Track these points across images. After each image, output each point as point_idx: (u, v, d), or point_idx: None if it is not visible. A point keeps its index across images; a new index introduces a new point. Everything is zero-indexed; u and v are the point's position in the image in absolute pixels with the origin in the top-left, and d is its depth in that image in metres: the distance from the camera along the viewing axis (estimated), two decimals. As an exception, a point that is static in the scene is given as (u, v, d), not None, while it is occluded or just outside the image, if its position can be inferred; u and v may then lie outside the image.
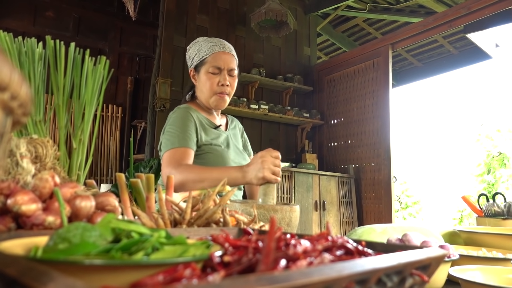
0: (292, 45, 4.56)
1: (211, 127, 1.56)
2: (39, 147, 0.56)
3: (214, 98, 1.53)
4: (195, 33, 3.88)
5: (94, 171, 5.53)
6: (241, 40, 4.22)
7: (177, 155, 1.36)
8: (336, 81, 4.35)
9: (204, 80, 1.53)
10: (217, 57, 1.52)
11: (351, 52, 4.28)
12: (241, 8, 4.26)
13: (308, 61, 4.64)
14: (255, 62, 4.24)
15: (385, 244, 0.47)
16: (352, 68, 4.15)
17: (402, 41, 3.68)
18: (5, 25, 5.26)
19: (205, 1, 4.05)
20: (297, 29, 4.57)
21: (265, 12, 3.66)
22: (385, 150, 3.66)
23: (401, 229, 1.01)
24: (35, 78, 0.74)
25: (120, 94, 5.98)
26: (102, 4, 5.90)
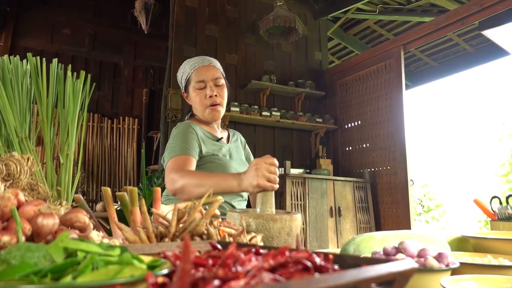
0: (302, 50, 4.54)
1: (213, 140, 1.58)
2: (12, 165, 0.56)
3: (207, 111, 1.56)
4: (204, 43, 3.91)
5: (113, 182, 5.62)
6: (251, 48, 4.23)
7: (179, 162, 1.38)
8: (349, 84, 4.30)
9: (194, 97, 1.57)
10: (198, 72, 1.57)
11: (362, 54, 4.23)
12: (250, 16, 4.27)
13: (320, 66, 4.61)
14: (265, 69, 4.23)
15: (355, 257, 0.44)
16: (364, 70, 4.09)
17: (414, 41, 3.61)
18: (24, 44, 5.45)
19: (213, 11, 4.09)
20: (307, 34, 4.55)
21: (273, 19, 3.66)
22: (401, 153, 3.57)
23: (402, 236, 0.97)
24: (20, 96, 0.74)
25: (136, 106, 6.09)
26: (116, 19, 6.04)
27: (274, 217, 1.05)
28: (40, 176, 0.77)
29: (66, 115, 0.74)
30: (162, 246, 0.54)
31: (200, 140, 1.51)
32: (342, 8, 4.34)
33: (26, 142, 0.75)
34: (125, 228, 0.71)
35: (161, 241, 0.72)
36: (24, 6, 5.46)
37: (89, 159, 5.57)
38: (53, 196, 0.78)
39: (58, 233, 0.48)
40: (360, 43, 5.29)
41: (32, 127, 0.78)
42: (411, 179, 3.53)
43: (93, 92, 5.05)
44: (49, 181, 0.78)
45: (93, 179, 5.55)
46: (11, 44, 5.35)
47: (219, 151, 1.55)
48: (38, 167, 0.70)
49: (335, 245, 3.41)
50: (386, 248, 0.80)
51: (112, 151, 5.74)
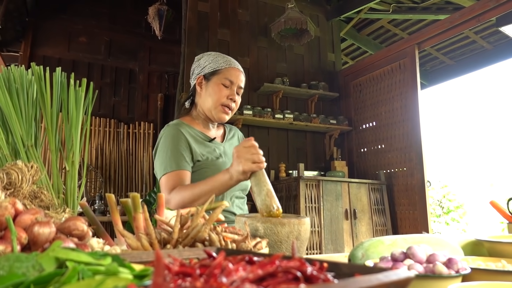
0: (315, 52, 4.51)
1: (205, 141, 1.53)
2: (13, 173, 0.57)
3: (218, 109, 1.51)
4: (216, 47, 3.93)
5: (129, 187, 5.70)
6: (263, 50, 4.23)
7: (171, 179, 1.36)
8: (363, 85, 4.25)
9: (214, 90, 1.51)
10: (231, 71, 1.52)
11: (376, 55, 4.18)
12: (261, 19, 4.28)
13: (333, 67, 4.57)
14: (278, 72, 4.23)
15: (351, 266, 0.43)
16: (378, 71, 4.03)
17: (428, 40, 3.54)
18: (42, 52, 5.58)
19: (225, 16, 4.11)
20: (319, 36, 4.53)
21: (284, 21, 3.66)
22: (417, 153, 3.51)
23: (412, 240, 0.94)
24: (25, 104, 0.76)
25: (151, 111, 6.16)
26: (131, 26, 6.14)
27: (282, 221, 1.04)
28: (46, 184, 0.78)
29: (70, 123, 0.75)
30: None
31: (191, 143, 1.46)
32: (354, 8, 4.30)
33: (32, 150, 0.76)
34: (127, 235, 0.71)
35: (164, 247, 0.72)
36: (42, 16, 5.60)
37: (107, 164, 5.66)
38: (59, 204, 0.79)
39: (55, 241, 0.48)
40: (374, 43, 5.23)
41: (39, 135, 0.79)
42: (428, 180, 3.45)
43: (110, 98, 5.14)
44: (55, 188, 0.79)
45: (110, 184, 5.63)
46: (30, 53, 5.48)
47: (212, 153, 1.50)
48: (42, 174, 0.70)
49: (350, 248, 3.36)
50: (394, 254, 0.79)
51: (128, 156, 5.82)
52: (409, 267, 0.73)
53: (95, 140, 5.64)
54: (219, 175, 1.25)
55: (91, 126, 5.63)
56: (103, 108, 5.85)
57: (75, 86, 0.76)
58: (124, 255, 0.52)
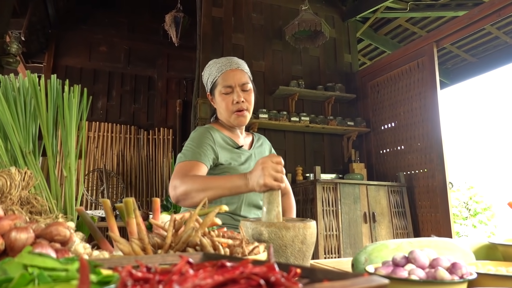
0: (331, 53, 4.47)
1: (233, 147, 1.53)
2: (1, 179, 0.58)
3: (233, 117, 1.50)
4: (231, 52, 3.95)
5: (150, 192, 5.78)
6: (278, 53, 4.22)
7: (185, 167, 1.34)
8: (380, 85, 4.17)
9: (220, 102, 1.52)
10: (226, 76, 1.50)
11: (393, 54, 4.09)
12: (276, 22, 4.27)
13: (350, 68, 4.51)
14: (293, 74, 4.20)
15: (326, 271, 0.41)
16: (396, 70, 3.95)
17: (447, 37, 3.45)
18: (65, 63, 5.75)
19: (239, 20, 4.12)
20: (335, 37, 4.48)
21: (298, 23, 3.64)
22: (438, 154, 3.40)
23: (419, 244, 0.91)
24: (22, 112, 0.77)
25: (170, 117, 6.25)
26: (149, 34, 6.25)
27: (286, 225, 1.02)
28: (44, 189, 0.79)
29: (66, 129, 0.76)
30: (142, 259, 0.53)
31: (218, 146, 1.46)
32: (370, 8, 4.23)
33: (30, 156, 0.77)
34: (119, 240, 0.71)
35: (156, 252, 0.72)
36: (64, 28, 5.78)
37: (127, 170, 5.76)
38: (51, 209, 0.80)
39: (34, 247, 0.48)
40: (392, 42, 5.14)
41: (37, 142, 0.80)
42: (450, 182, 3.35)
43: (130, 105, 5.23)
44: (53, 194, 0.80)
45: (131, 189, 5.73)
46: (53, 64, 5.67)
47: (237, 159, 1.50)
48: (37, 180, 0.71)
49: (370, 252, 3.28)
50: (395, 258, 0.75)
51: (148, 162, 5.90)
52: (410, 272, 0.70)
53: (116, 147, 5.76)
54: (235, 177, 1.22)
55: (112, 133, 5.76)
56: (123, 116, 5.97)
57: (70, 92, 0.77)
58: (103, 261, 0.51)
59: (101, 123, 5.71)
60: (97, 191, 5.41)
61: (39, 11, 5.10)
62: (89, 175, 5.43)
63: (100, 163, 5.58)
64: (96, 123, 5.68)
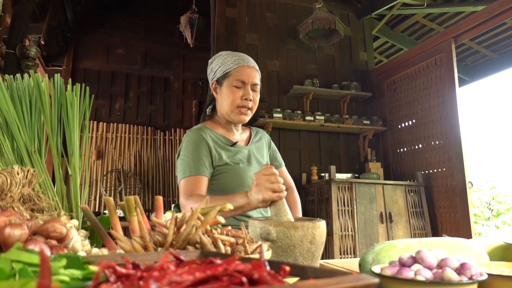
0: (346, 51, 4.41)
1: (227, 145, 1.52)
2: (1, 177, 0.58)
3: (236, 111, 1.48)
4: (245, 52, 3.90)
5: (167, 192, 5.84)
6: (292, 53, 4.19)
7: (189, 185, 1.37)
8: (397, 83, 4.10)
9: (227, 94, 1.48)
10: (241, 71, 1.49)
11: (410, 51, 4.01)
12: (290, 21, 4.25)
13: (366, 66, 4.45)
14: (308, 74, 4.17)
15: (316, 269, 0.40)
16: (413, 68, 3.87)
17: (465, 32, 3.36)
18: (83, 65, 5.87)
19: (253, 20, 4.12)
20: (350, 35, 4.43)
21: (312, 22, 3.61)
22: (457, 153, 3.32)
23: (429, 244, 0.88)
24: (27, 111, 0.78)
25: (187, 117, 6.30)
26: (165, 36, 6.32)
27: (295, 225, 1.01)
28: (50, 188, 0.80)
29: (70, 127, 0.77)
30: (136, 256, 0.53)
31: (213, 148, 1.46)
32: (386, 4, 4.16)
33: (35, 155, 0.78)
34: (120, 238, 0.71)
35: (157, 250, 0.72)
36: (82, 31, 5.90)
37: (144, 170, 5.84)
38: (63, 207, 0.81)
39: (27, 243, 0.48)
40: (409, 39, 5.04)
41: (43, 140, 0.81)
42: (470, 181, 3.26)
43: (146, 106, 5.29)
44: (58, 192, 0.81)
45: (148, 190, 5.80)
46: (72, 67, 5.79)
47: (234, 157, 1.49)
48: (40, 178, 0.72)
49: (387, 253, 3.22)
50: (402, 258, 0.73)
51: (165, 162, 5.97)
52: (416, 272, 0.68)
53: (134, 148, 5.84)
54: (238, 197, 1.23)
55: (129, 134, 5.85)
56: (140, 117, 6.05)
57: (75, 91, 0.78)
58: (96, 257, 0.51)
59: (119, 124, 5.81)
60: (115, 191, 5.50)
61: (58, 15, 5.22)
62: (107, 176, 5.52)
63: (118, 163, 5.68)
64: (114, 124, 5.77)
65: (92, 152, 5.55)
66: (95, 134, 5.64)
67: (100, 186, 5.42)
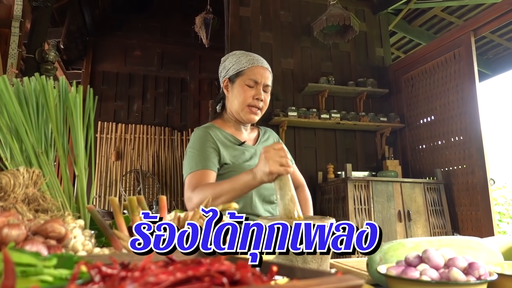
0: (362, 48, 4.35)
1: (235, 144, 1.51)
2: (5, 178, 0.60)
3: (245, 110, 1.48)
4: (259, 51, 3.94)
5: (180, 193, 5.88)
6: (307, 50, 4.16)
7: (195, 178, 1.36)
8: (415, 79, 4.01)
9: (239, 92, 1.49)
10: (255, 71, 1.49)
11: (427, 46, 3.92)
12: (304, 19, 4.21)
13: (382, 62, 4.37)
14: (323, 71, 4.13)
15: (304, 270, 0.39)
16: (431, 63, 3.78)
17: (485, 25, 3.26)
18: (102, 68, 5.98)
19: (267, 18, 4.10)
20: (366, 31, 4.36)
21: (326, 19, 3.57)
22: (478, 149, 3.23)
23: (439, 243, 0.85)
24: (34, 113, 0.80)
25: (203, 118, 6.33)
26: (181, 37, 6.37)
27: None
28: (57, 188, 0.82)
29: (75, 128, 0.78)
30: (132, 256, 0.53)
31: (220, 146, 1.45)
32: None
33: (42, 156, 0.80)
34: (123, 237, 0.72)
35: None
36: (100, 34, 6.01)
37: (162, 170, 5.91)
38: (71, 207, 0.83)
39: (25, 243, 0.49)
40: (427, 34, 4.93)
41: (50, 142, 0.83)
42: (492, 178, 3.16)
43: (163, 107, 5.35)
44: (66, 193, 0.82)
45: (166, 189, 5.87)
46: (91, 70, 5.91)
47: (241, 156, 1.48)
48: (46, 179, 0.74)
49: (405, 252, 3.17)
50: (408, 258, 0.71)
51: (182, 162, 6.02)
52: (422, 272, 0.66)
53: (152, 148, 5.92)
54: (242, 174, 1.23)
55: (147, 135, 5.93)
56: (157, 117, 6.13)
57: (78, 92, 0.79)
58: (92, 257, 0.52)
59: (137, 125, 5.89)
60: (134, 191, 5.59)
61: (77, 20, 5.33)
62: (126, 176, 5.62)
63: (137, 164, 5.76)
64: (132, 125, 5.86)
65: (111, 153, 5.65)
66: (114, 135, 5.74)
67: (120, 186, 5.52)
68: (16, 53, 3.01)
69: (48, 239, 0.54)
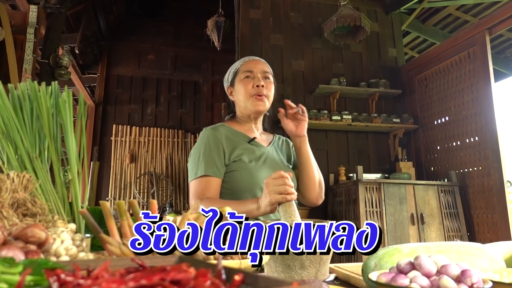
0: (374, 48, 4.29)
1: (244, 141, 1.48)
2: (-9, 183, 0.61)
3: (251, 100, 1.47)
4: (270, 53, 3.93)
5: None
6: (318, 52, 4.13)
7: (200, 187, 1.37)
8: (428, 79, 3.94)
9: (239, 88, 1.51)
10: (247, 64, 1.54)
11: (441, 45, 3.85)
12: (315, 20, 4.19)
13: (395, 63, 4.31)
14: (334, 72, 4.09)
15: (267, 278, 0.38)
16: (445, 62, 3.71)
17: (500, 23, 3.17)
18: (116, 72, 6.08)
19: (277, 20, 4.09)
20: (378, 31, 4.31)
21: (336, 20, 3.54)
22: (494, 150, 3.14)
23: (437, 249, 0.83)
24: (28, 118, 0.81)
25: (216, 120, 6.36)
26: (194, 40, 6.43)
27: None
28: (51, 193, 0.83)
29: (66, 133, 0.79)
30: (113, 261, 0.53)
31: (226, 144, 1.43)
32: (415, -2, 4.01)
33: (37, 161, 0.81)
34: (111, 242, 0.72)
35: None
36: (115, 39, 6.11)
37: (176, 172, 5.95)
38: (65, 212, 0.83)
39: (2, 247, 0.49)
40: (442, 33, 4.83)
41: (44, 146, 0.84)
42: (509, 180, 3.07)
43: (177, 110, 5.40)
44: (60, 196, 0.83)
45: (180, 192, 5.91)
46: (106, 74, 6.02)
47: (248, 154, 1.44)
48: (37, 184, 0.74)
49: (419, 255, 3.10)
50: (400, 264, 0.69)
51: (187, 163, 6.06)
52: (412, 280, 0.64)
53: (165, 151, 5.97)
54: (249, 202, 1.25)
55: (160, 138, 5.99)
56: (171, 120, 6.18)
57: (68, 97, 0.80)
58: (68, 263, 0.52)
59: (151, 128, 5.96)
60: (147, 193, 5.65)
61: (92, 25, 5.43)
62: (140, 178, 5.68)
63: (150, 166, 5.83)
64: (146, 128, 5.93)
65: (125, 155, 5.73)
66: (128, 138, 5.82)
67: (134, 189, 5.58)
68: (31, 59, 3.09)
69: (28, 244, 0.55)
